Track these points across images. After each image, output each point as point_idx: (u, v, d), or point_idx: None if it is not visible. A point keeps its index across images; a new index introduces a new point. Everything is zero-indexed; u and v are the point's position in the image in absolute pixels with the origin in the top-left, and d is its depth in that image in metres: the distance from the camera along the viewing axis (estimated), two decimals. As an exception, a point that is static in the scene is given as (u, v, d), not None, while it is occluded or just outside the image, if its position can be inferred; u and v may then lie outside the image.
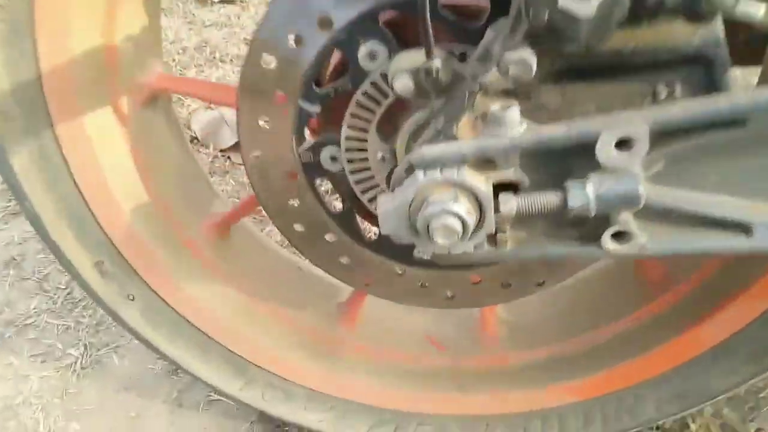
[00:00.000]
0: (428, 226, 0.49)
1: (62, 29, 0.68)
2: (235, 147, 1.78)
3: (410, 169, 0.51)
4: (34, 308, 1.38)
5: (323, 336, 0.95)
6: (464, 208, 0.49)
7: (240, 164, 1.74)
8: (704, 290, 0.77)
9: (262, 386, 0.94)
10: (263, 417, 1.13)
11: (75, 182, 0.75)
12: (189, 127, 1.89)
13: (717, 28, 0.50)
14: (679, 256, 0.52)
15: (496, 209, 0.50)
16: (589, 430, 0.86)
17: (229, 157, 1.78)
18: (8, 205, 1.66)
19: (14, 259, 1.49)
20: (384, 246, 0.73)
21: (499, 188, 0.51)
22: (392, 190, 0.53)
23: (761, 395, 1.15)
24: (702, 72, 0.52)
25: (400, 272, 0.76)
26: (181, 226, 0.86)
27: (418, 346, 0.98)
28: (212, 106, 2.01)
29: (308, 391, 0.95)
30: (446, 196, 0.49)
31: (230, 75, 2.08)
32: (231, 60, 2.13)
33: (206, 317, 0.88)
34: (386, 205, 0.51)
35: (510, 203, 0.50)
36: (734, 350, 0.76)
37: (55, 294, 1.41)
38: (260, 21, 0.61)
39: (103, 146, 0.76)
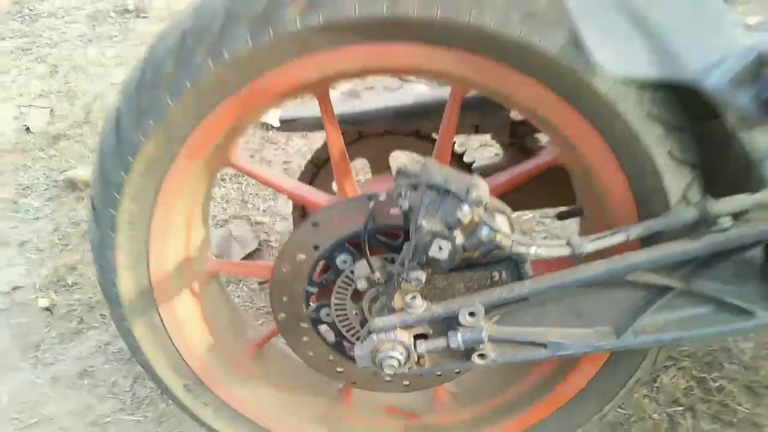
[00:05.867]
0: (381, 363, 0.97)
1: (162, 250, 1.16)
2: (245, 259, 2.25)
3: (370, 332, 0.99)
4: (110, 409, 1.82)
5: (331, 413, 1.41)
6: (398, 353, 0.96)
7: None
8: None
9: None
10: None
11: (171, 339, 1.23)
12: (206, 246, 2.37)
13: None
14: (518, 363, 1.00)
15: (416, 349, 0.98)
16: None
17: (241, 269, 2.25)
18: (70, 325, 2.11)
19: (86, 370, 1.94)
20: (364, 358, 1.21)
21: (419, 337, 0.99)
22: (363, 341, 1.00)
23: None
24: (513, 265, 1.00)
25: (373, 374, 1.24)
26: (231, 352, 1.33)
27: (397, 415, 1.44)
28: (219, 224, 2.49)
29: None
30: (388, 347, 0.97)
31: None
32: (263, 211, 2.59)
33: (255, 411, 1.34)
34: (359, 351, 0.99)
35: (421, 346, 0.98)
36: (588, 395, 1.24)
37: (123, 396, 1.85)
38: (281, 247, 1.10)
39: (185, 314, 1.24)
